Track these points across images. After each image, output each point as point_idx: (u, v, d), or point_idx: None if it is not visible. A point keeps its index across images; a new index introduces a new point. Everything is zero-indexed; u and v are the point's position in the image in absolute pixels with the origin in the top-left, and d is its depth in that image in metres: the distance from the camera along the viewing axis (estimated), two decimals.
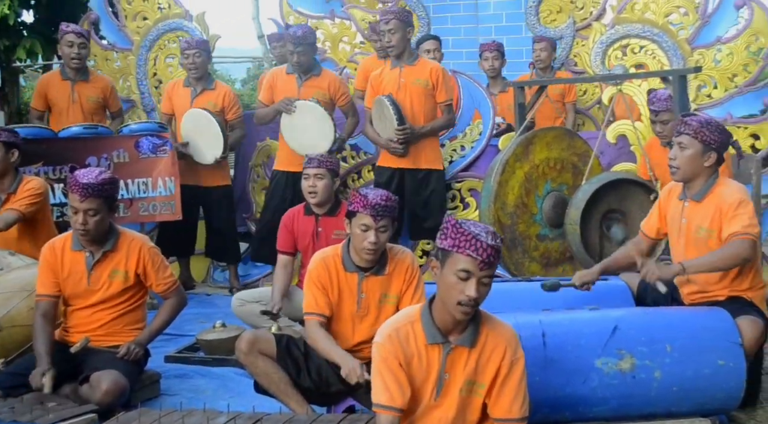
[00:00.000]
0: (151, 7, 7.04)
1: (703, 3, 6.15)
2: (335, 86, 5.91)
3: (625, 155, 5.82)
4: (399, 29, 5.48)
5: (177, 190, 5.89)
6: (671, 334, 3.34)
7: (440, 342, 2.73)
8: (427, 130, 5.59)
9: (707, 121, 3.66)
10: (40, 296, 3.79)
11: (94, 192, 3.62)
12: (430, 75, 5.53)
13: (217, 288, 6.57)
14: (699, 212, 3.65)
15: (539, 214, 5.16)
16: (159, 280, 3.88)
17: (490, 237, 2.61)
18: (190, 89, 6.16)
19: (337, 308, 3.59)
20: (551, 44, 6.85)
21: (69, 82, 6.19)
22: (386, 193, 3.51)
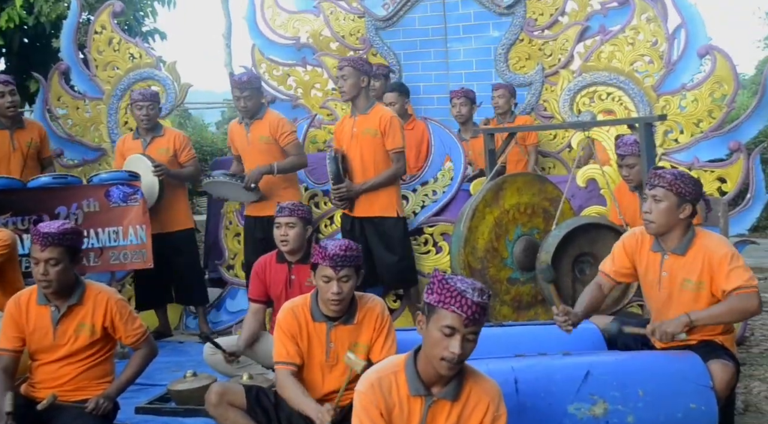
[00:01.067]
0: (122, 57, 7.06)
1: (667, 51, 6.28)
2: (275, 126, 5.84)
3: (596, 198, 5.89)
4: (351, 76, 5.52)
5: (148, 239, 5.86)
6: (643, 378, 3.37)
7: (423, 394, 2.72)
8: (368, 187, 5.60)
9: (680, 173, 3.70)
10: (2, 350, 3.72)
11: (55, 241, 3.59)
12: (379, 123, 5.56)
13: (190, 335, 6.53)
14: (684, 265, 3.66)
15: (510, 258, 5.18)
16: (128, 332, 3.81)
17: (477, 294, 2.62)
18: (140, 140, 6.23)
19: (306, 357, 3.58)
20: (509, 90, 6.94)
21: (7, 130, 6.19)
22: (346, 243, 3.52)
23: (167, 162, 6.15)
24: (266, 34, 8.05)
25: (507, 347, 3.79)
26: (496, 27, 7.56)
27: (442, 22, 7.67)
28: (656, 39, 6.36)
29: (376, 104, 5.71)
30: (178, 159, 6.25)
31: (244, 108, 5.82)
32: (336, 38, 7.95)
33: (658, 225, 3.68)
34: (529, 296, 5.20)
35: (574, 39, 7.19)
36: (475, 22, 7.61)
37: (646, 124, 4.76)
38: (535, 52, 7.42)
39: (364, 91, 5.62)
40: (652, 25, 6.37)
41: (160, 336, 6.40)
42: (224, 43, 11.01)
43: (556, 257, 4.72)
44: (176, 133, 6.44)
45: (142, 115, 6.15)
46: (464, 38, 7.67)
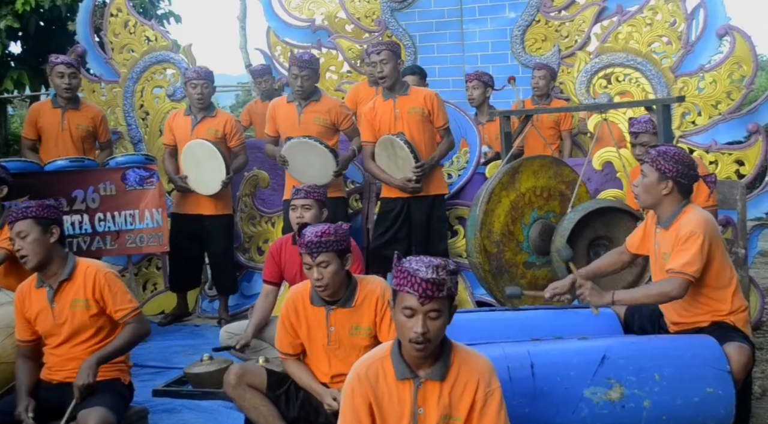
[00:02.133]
0: (138, 40, 7.06)
1: (685, 32, 6.22)
2: (336, 111, 5.81)
3: (612, 182, 5.86)
4: (390, 60, 5.47)
5: (164, 222, 5.88)
6: (660, 362, 3.34)
7: (409, 377, 2.72)
8: (436, 160, 5.59)
9: (665, 150, 3.73)
10: (19, 341, 3.81)
11: (20, 215, 3.66)
12: (425, 102, 5.52)
13: (206, 319, 6.56)
14: (665, 239, 3.73)
15: (526, 241, 5.16)
16: (117, 305, 3.73)
17: (430, 271, 2.60)
18: (191, 118, 6.12)
19: (309, 342, 3.61)
20: (550, 72, 6.87)
21: (59, 109, 6.20)
22: (323, 228, 3.50)
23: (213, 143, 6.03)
24: (281, 16, 8.04)
25: (523, 331, 3.78)
26: (512, 8, 7.51)
27: (458, 4, 7.63)
28: (674, 19, 6.30)
29: (410, 85, 5.69)
30: (228, 143, 6.14)
31: (301, 87, 5.71)
32: (351, 20, 7.92)
33: (642, 199, 3.79)
34: (545, 280, 5.16)
35: (591, 20, 7.13)
36: (491, 3, 7.57)
37: (663, 106, 4.71)
38: (551, 34, 7.36)
39: (400, 75, 5.62)
40: (671, 5, 6.31)
41: (176, 319, 6.45)
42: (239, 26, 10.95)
43: (571, 241, 4.70)
44: (228, 116, 6.31)
45: (197, 94, 6.03)
46: (480, 20, 7.62)
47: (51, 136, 6.20)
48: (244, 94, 19.31)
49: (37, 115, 6.29)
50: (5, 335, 3.92)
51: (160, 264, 6.70)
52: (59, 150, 6.09)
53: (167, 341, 5.88)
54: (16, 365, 3.76)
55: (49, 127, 6.20)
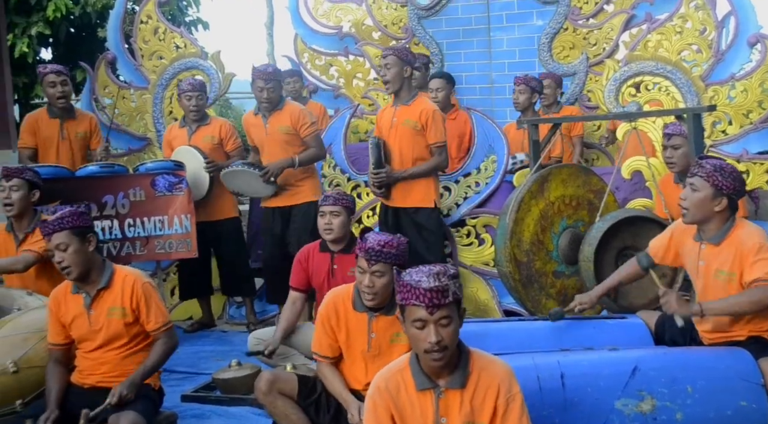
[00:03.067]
0: (167, 46, 7.12)
1: (716, 40, 6.16)
2: (295, 117, 5.82)
3: (640, 191, 5.81)
4: (395, 65, 5.48)
5: (193, 228, 5.91)
6: (692, 374, 3.32)
7: (430, 388, 2.71)
8: (408, 175, 5.56)
9: (722, 166, 3.63)
10: (52, 344, 3.85)
11: (56, 227, 3.68)
12: (420, 116, 5.50)
13: (234, 325, 6.58)
14: (717, 255, 3.64)
15: (555, 251, 5.14)
16: (151, 317, 3.78)
17: (432, 279, 2.60)
18: (186, 129, 6.27)
19: (347, 347, 3.61)
20: (555, 80, 6.87)
21: (57, 119, 6.26)
22: (388, 238, 3.52)
23: (212, 150, 6.18)
24: (309, 23, 8.07)
25: (552, 341, 3.77)
26: (539, 16, 7.48)
27: (485, 11, 7.61)
28: (705, 27, 6.24)
29: (419, 96, 5.65)
30: (224, 147, 6.29)
31: (267, 100, 5.78)
32: (378, 27, 7.93)
33: (692, 214, 3.66)
34: (575, 290, 5.14)
35: (619, 28, 7.09)
36: (519, 10, 7.54)
37: (694, 114, 4.68)
38: (579, 42, 7.33)
39: (407, 82, 5.57)
40: (701, 13, 6.25)
41: (203, 327, 6.48)
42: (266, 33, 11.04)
43: (599, 250, 4.68)
44: (222, 121, 6.48)
45: (192, 106, 6.18)
46: (507, 27, 7.60)
47: (51, 145, 6.24)
48: None
49: (35, 124, 6.32)
50: (38, 339, 3.95)
51: None
52: (60, 159, 6.15)
53: (195, 347, 5.91)
54: (47, 369, 3.80)
55: (49, 136, 6.24)
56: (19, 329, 4.03)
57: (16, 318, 4.16)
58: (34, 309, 4.26)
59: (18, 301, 4.48)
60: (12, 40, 10.93)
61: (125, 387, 3.61)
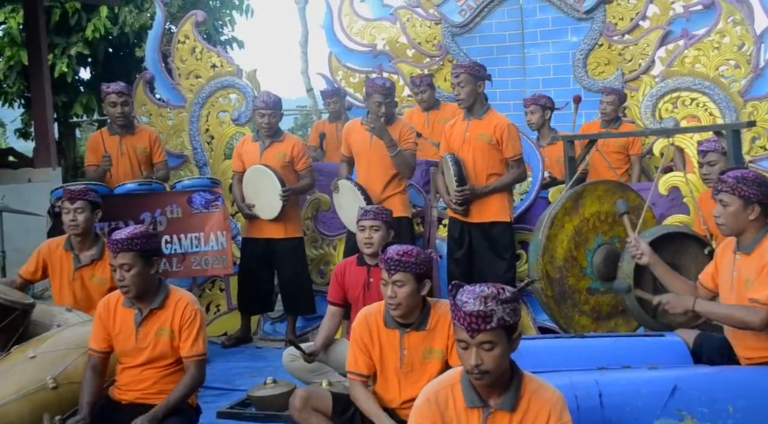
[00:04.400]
0: (204, 66, 7.20)
1: (755, 55, 6.10)
2: (405, 133, 5.83)
3: (678, 207, 5.76)
4: (468, 83, 5.48)
5: (229, 245, 5.96)
6: (733, 394, 3.27)
7: (479, 406, 2.68)
8: (490, 189, 5.54)
9: (743, 176, 3.64)
10: (92, 350, 3.85)
11: (124, 246, 3.67)
12: (494, 131, 5.50)
13: (268, 341, 6.60)
14: (748, 265, 3.62)
15: (589, 267, 5.09)
16: (188, 342, 3.76)
17: (478, 302, 2.55)
18: (259, 143, 6.27)
19: (380, 365, 3.60)
20: (619, 97, 6.83)
21: (117, 136, 6.38)
22: (407, 248, 3.53)
23: (282, 167, 6.14)
24: (343, 41, 8.14)
25: (589, 359, 3.71)
26: (574, 32, 7.48)
27: (520, 28, 7.63)
28: (743, 42, 6.19)
29: (491, 110, 5.65)
30: (295, 166, 6.26)
31: (385, 114, 5.77)
32: (412, 45, 7.98)
33: (729, 228, 3.67)
34: (609, 307, 5.09)
35: (655, 43, 7.07)
36: (553, 27, 7.55)
37: (733, 130, 4.62)
38: (614, 58, 7.30)
39: (480, 97, 5.58)
40: (739, 29, 6.20)
41: (240, 342, 6.51)
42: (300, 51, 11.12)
43: (637, 268, 4.62)
44: (295, 140, 6.46)
45: (264, 123, 6.18)
46: (542, 44, 7.60)
47: (112, 162, 6.33)
48: (302, 117, 19.54)
49: (97, 143, 6.45)
50: (77, 355, 3.98)
51: (224, 286, 6.78)
52: (120, 175, 6.25)
53: (230, 363, 5.94)
54: (84, 377, 3.80)
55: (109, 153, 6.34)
56: (59, 345, 4.05)
57: (57, 334, 4.20)
58: (74, 325, 4.31)
59: (58, 317, 4.53)
60: (52, 60, 11.16)
61: (146, 420, 3.57)
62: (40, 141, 9.26)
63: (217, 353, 6.21)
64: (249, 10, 13.34)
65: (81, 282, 4.87)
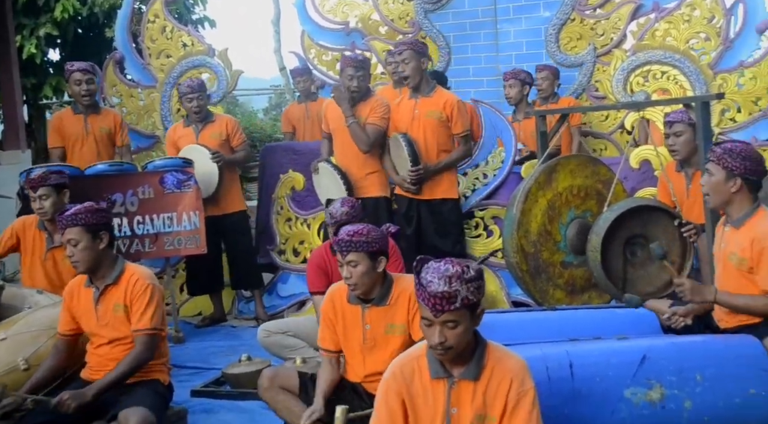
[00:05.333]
0: (175, 45, 7.13)
1: (724, 28, 6.13)
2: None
3: (649, 180, 5.79)
4: (412, 59, 5.47)
5: (201, 225, 5.94)
6: (701, 363, 3.31)
7: (443, 377, 2.71)
8: (441, 167, 5.57)
9: (731, 148, 3.68)
10: (60, 334, 3.90)
11: (70, 222, 3.71)
12: (444, 107, 5.50)
13: (243, 320, 6.60)
14: (735, 238, 3.68)
15: (563, 241, 5.13)
16: (136, 316, 3.71)
17: (443, 282, 2.55)
18: (192, 127, 6.32)
19: (345, 340, 3.63)
20: (552, 72, 6.86)
21: (82, 115, 6.32)
22: (357, 228, 3.50)
23: (219, 146, 6.22)
24: (315, 19, 8.07)
25: (561, 331, 3.74)
26: (546, 7, 7.46)
27: (492, 4, 7.60)
28: (713, 15, 6.22)
29: (437, 87, 5.64)
30: (231, 143, 6.35)
31: (357, 88, 5.69)
32: (385, 22, 7.93)
33: (712, 198, 3.74)
34: (583, 280, 5.14)
35: (626, 17, 7.06)
36: (526, 2, 7.52)
37: (702, 103, 4.65)
38: (586, 32, 7.30)
39: (425, 74, 5.57)
40: (709, 1, 6.24)
41: (214, 322, 6.51)
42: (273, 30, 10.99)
43: (607, 240, 4.65)
44: (227, 118, 6.53)
45: (194, 108, 6.24)
46: (514, 19, 7.58)
47: (76, 141, 6.30)
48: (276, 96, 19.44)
49: (60, 123, 6.40)
50: (48, 337, 3.99)
51: None
52: (84, 155, 6.20)
53: (205, 342, 5.94)
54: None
55: (73, 133, 6.30)
56: (30, 327, 4.06)
57: (27, 316, 4.19)
58: (44, 307, 4.29)
59: (29, 299, 4.51)
60: (20, 41, 10.99)
61: (71, 397, 3.49)
62: (8, 124, 9.17)
63: (191, 332, 6.22)
64: None
65: (53, 262, 4.86)
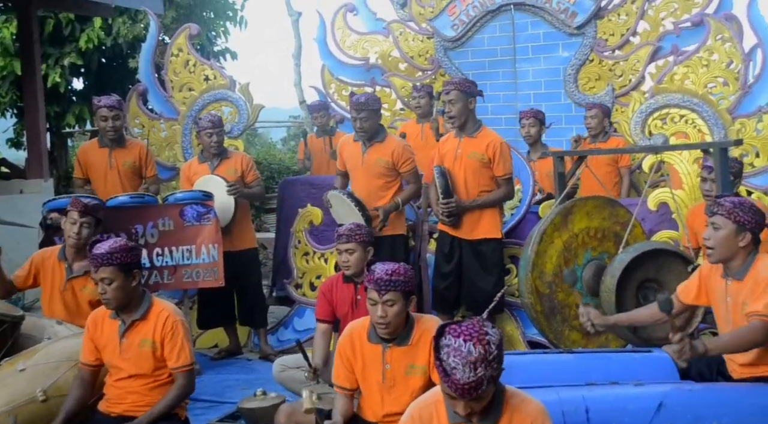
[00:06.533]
0: (197, 78, 7.23)
1: (743, 73, 6.16)
2: (398, 153, 5.78)
3: (667, 222, 5.79)
4: (459, 100, 5.50)
5: (220, 258, 5.96)
6: (718, 411, 3.30)
7: (461, 422, 2.70)
8: (477, 205, 5.58)
9: (741, 201, 3.69)
10: (82, 363, 3.91)
11: (105, 261, 3.73)
12: (487, 149, 5.53)
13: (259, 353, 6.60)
14: (742, 290, 3.65)
15: (579, 283, 5.13)
16: (173, 354, 3.79)
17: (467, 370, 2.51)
18: (207, 164, 6.37)
19: (363, 379, 3.62)
20: (602, 111, 6.88)
21: (106, 149, 6.39)
22: (394, 267, 3.53)
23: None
24: (336, 55, 8.19)
25: (577, 375, 3.74)
26: (565, 47, 7.54)
27: (511, 43, 7.68)
28: (731, 60, 6.25)
29: (483, 127, 5.66)
30: (245, 180, 6.38)
31: (361, 129, 5.75)
32: (405, 59, 8.02)
33: (718, 253, 3.69)
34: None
35: (645, 60, 7.12)
36: (545, 42, 7.61)
37: (721, 149, 4.67)
38: (605, 73, 7.36)
39: (472, 114, 5.61)
40: (728, 46, 6.26)
41: (230, 354, 6.52)
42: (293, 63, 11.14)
43: (621, 282, 4.66)
44: (241, 155, 6.58)
45: (213, 142, 6.29)
46: (533, 59, 7.66)
47: (100, 174, 6.37)
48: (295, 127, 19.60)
49: (85, 156, 6.49)
50: (68, 368, 4.01)
51: None
52: (108, 188, 6.25)
53: (221, 375, 5.95)
54: (70, 388, 3.86)
55: (97, 166, 6.38)
56: (50, 358, 4.07)
57: (47, 347, 4.21)
58: (64, 338, 4.32)
59: (48, 330, 4.55)
60: (45, 70, 11.17)
61: None
62: (32, 151, 9.25)
63: (207, 365, 6.23)
64: (243, 22, 13.40)
65: (72, 292, 4.88)
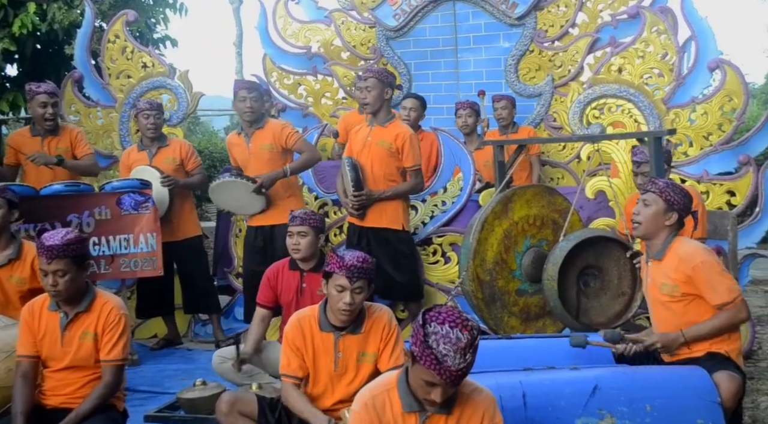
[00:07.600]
0: (135, 65, 7.11)
1: (677, 65, 6.30)
2: (277, 132, 5.79)
3: (604, 210, 5.91)
4: (375, 88, 5.53)
5: (158, 247, 5.88)
6: (651, 393, 3.37)
7: (416, 410, 2.73)
8: (387, 196, 5.59)
9: (673, 184, 3.90)
10: (20, 356, 3.77)
11: (60, 253, 3.62)
12: (396, 139, 5.54)
13: (199, 343, 6.55)
14: (660, 269, 3.82)
15: (518, 270, 5.19)
16: (108, 346, 3.71)
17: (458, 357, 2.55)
18: (146, 152, 6.27)
19: (313, 368, 3.61)
20: (510, 102, 7.00)
21: (39, 137, 6.22)
22: (363, 255, 3.54)
23: (174, 171, 6.18)
24: (278, 43, 8.11)
25: (515, 360, 3.79)
26: (506, 38, 7.59)
27: (453, 33, 7.71)
28: (666, 52, 6.38)
29: (395, 119, 5.70)
30: (185, 168, 6.30)
31: (251, 109, 5.75)
32: (347, 48, 7.99)
33: (644, 227, 3.86)
34: (537, 308, 5.21)
35: (584, 51, 7.21)
36: (486, 32, 7.65)
37: (655, 138, 4.77)
38: (545, 64, 7.44)
39: (386, 103, 5.62)
40: (663, 38, 6.39)
41: (169, 344, 6.45)
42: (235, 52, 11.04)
43: (562, 269, 4.74)
44: (181, 142, 6.48)
45: (149, 124, 6.19)
46: (475, 49, 7.70)
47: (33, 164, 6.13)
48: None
49: (17, 144, 6.29)
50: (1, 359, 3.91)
51: None
52: (41, 176, 6.08)
53: (159, 365, 5.89)
54: (15, 386, 3.72)
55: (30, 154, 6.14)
56: None
57: None
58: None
59: None
60: None
61: None
62: None
63: (146, 355, 6.15)
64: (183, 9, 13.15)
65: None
